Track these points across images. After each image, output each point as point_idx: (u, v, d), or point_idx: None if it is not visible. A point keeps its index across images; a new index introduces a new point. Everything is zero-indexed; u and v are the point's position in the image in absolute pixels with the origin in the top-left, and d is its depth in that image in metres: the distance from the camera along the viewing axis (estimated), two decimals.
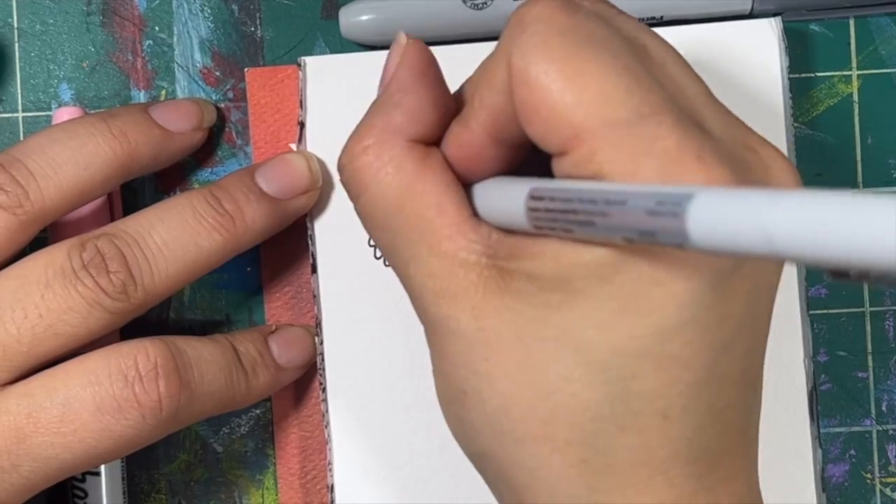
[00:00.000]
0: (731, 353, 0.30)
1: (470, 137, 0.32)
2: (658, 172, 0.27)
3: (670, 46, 0.32)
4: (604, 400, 0.29)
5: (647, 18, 0.43)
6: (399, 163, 0.32)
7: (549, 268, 0.29)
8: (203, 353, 0.39)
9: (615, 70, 0.29)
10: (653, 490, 0.30)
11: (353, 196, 0.34)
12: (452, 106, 0.33)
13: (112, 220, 0.42)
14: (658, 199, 0.24)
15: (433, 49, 0.42)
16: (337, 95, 0.42)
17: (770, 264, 0.31)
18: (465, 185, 0.33)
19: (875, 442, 0.45)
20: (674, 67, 0.31)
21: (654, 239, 0.25)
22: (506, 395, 0.30)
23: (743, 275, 0.29)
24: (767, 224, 0.21)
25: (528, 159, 0.33)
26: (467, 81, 0.34)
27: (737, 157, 0.29)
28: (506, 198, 0.31)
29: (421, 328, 0.33)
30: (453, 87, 0.42)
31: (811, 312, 0.43)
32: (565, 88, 0.29)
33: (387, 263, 0.42)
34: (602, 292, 0.29)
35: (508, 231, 0.31)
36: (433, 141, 0.33)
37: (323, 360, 0.42)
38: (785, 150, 0.42)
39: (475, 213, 0.32)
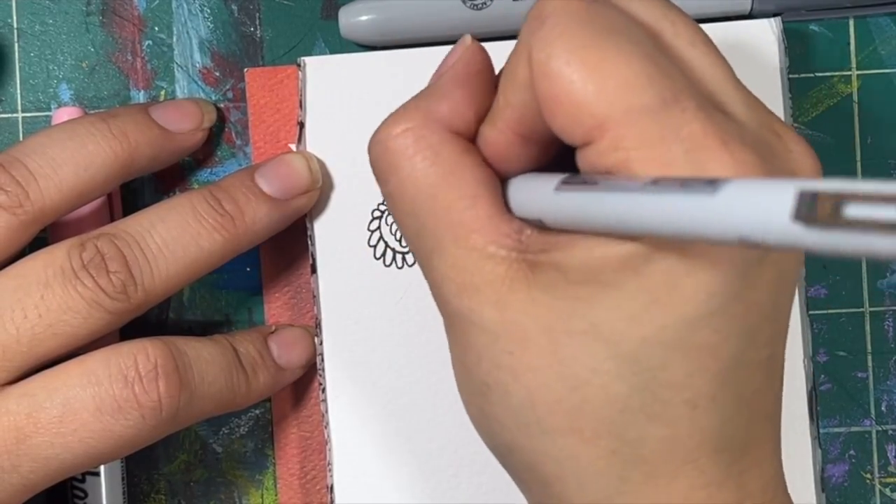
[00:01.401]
0: (757, 341, 0.30)
1: (497, 136, 0.32)
2: (685, 158, 0.27)
3: (696, 26, 0.31)
4: (633, 392, 0.29)
5: None
6: (437, 150, 0.32)
7: (578, 260, 0.29)
8: (203, 354, 0.39)
9: (636, 58, 0.28)
10: (682, 479, 0.30)
11: (382, 177, 0.33)
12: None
13: (112, 220, 0.42)
14: (687, 187, 0.24)
15: (433, 49, 0.43)
16: (337, 96, 0.42)
17: (794, 253, 0.31)
18: (501, 180, 0.33)
19: (875, 442, 0.45)
20: (699, 49, 0.31)
21: (685, 233, 0.25)
22: (531, 388, 0.30)
23: (769, 262, 0.29)
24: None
25: (558, 159, 0.32)
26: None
27: (761, 141, 0.29)
28: (537, 190, 0.31)
29: (420, 328, 0.33)
30: None
31: (811, 312, 0.43)
32: (587, 78, 0.28)
33: (387, 263, 0.42)
34: (632, 284, 0.29)
35: (541, 228, 0.31)
36: (472, 138, 0.33)
37: (323, 360, 0.42)
38: None
39: (509, 210, 0.32)
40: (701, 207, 0.24)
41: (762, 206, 0.23)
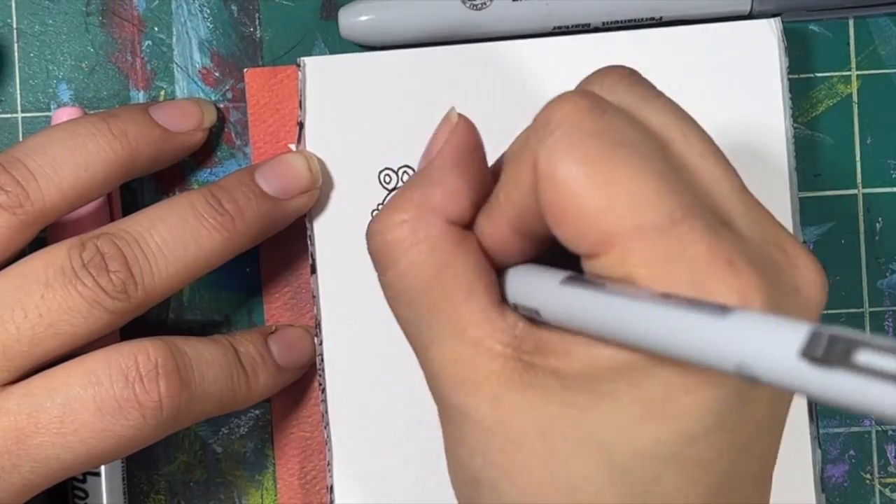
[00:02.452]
0: (751, 454, 0.30)
1: (495, 230, 0.32)
2: (690, 278, 0.27)
3: (707, 137, 0.31)
4: (624, 502, 0.29)
5: (647, 18, 0.43)
6: (435, 242, 0.32)
7: (576, 368, 0.29)
8: (204, 354, 0.39)
9: (645, 174, 0.28)
10: None
11: (381, 268, 0.33)
12: (492, 189, 0.33)
13: (111, 220, 0.42)
14: (693, 311, 0.25)
15: (433, 49, 0.43)
16: (336, 96, 0.42)
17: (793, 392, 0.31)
18: (497, 269, 0.33)
19: (874, 442, 0.45)
20: (708, 161, 0.30)
21: (683, 354, 0.25)
22: (523, 488, 0.30)
23: None
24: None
25: (554, 252, 0.32)
26: (500, 161, 0.33)
27: (766, 258, 0.29)
28: (541, 282, 0.31)
29: None
30: (450, 87, 0.42)
31: None
32: (595, 193, 0.28)
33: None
34: (629, 396, 0.28)
35: (536, 323, 0.31)
36: (468, 223, 0.33)
37: (323, 360, 0.42)
38: (785, 151, 0.42)
39: (504, 300, 0.32)
40: (708, 330, 0.24)
41: (771, 339, 0.23)
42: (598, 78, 0.32)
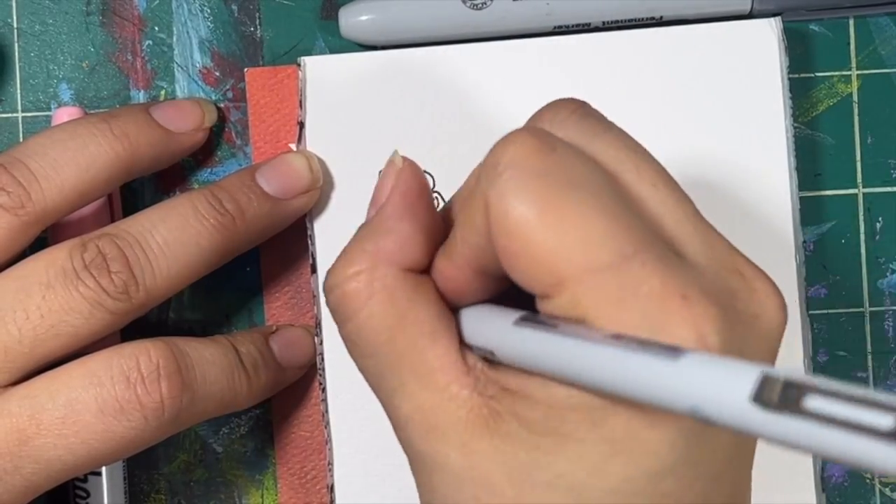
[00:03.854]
0: (721, 482, 0.30)
1: (453, 271, 0.32)
2: (644, 316, 0.27)
3: (658, 166, 0.31)
4: None
5: (647, 18, 0.43)
6: (391, 292, 0.31)
7: (537, 410, 0.29)
8: (205, 354, 0.39)
9: (595, 212, 0.28)
10: None
11: (340, 321, 0.33)
12: (443, 231, 0.33)
13: (112, 220, 0.42)
14: (645, 354, 0.25)
15: (433, 49, 0.43)
16: (336, 95, 0.42)
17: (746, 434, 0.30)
18: (453, 309, 0.33)
19: None
20: (660, 190, 0.30)
21: (638, 397, 0.25)
22: None
23: None
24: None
25: (515, 288, 0.31)
26: (451, 202, 0.34)
27: (722, 287, 0.29)
28: (494, 323, 0.30)
29: None
30: (450, 87, 0.42)
31: (811, 312, 0.43)
32: (545, 235, 0.28)
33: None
34: (594, 435, 0.28)
35: (495, 364, 0.31)
36: (424, 267, 0.33)
37: (323, 360, 0.42)
38: (785, 151, 0.42)
39: (463, 342, 0.32)
40: (660, 373, 0.24)
41: (722, 384, 0.23)
42: (548, 113, 0.32)
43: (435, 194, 0.43)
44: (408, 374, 0.31)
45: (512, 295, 0.31)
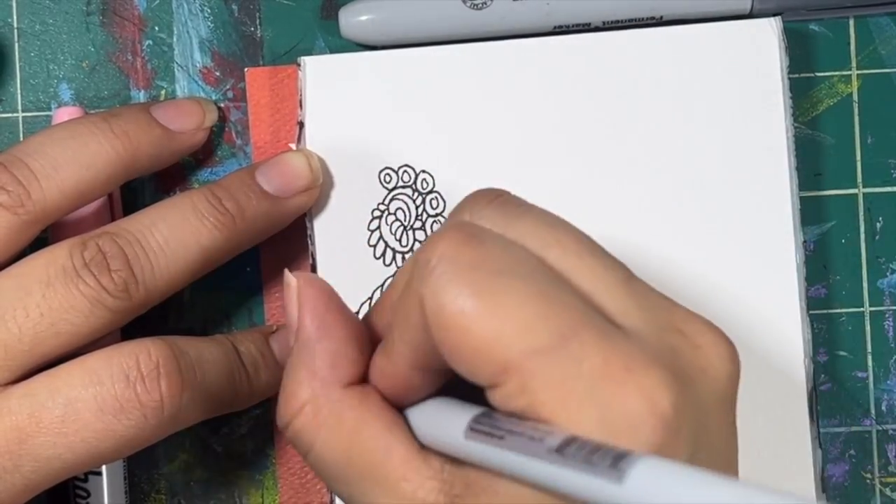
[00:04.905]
0: None
1: (395, 370, 0.32)
2: (591, 395, 0.27)
3: (581, 237, 0.31)
4: None
5: (647, 18, 0.43)
6: (338, 414, 0.32)
7: None
8: (205, 354, 0.39)
9: (529, 296, 0.28)
10: None
11: (301, 453, 0.33)
12: (368, 335, 0.33)
13: (112, 219, 0.42)
14: (589, 473, 0.25)
15: (433, 49, 0.43)
16: (336, 95, 0.42)
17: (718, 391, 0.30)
18: (401, 409, 0.33)
19: (875, 442, 0.45)
20: (586, 260, 0.30)
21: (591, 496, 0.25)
22: None
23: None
24: None
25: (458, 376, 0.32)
26: (375, 308, 0.34)
27: (664, 349, 0.29)
28: (446, 432, 0.30)
29: None
30: (450, 87, 0.42)
31: (811, 312, 0.43)
32: (483, 324, 0.28)
33: (387, 263, 0.43)
34: None
35: (455, 461, 0.31)
36: (362, 376, 0.33)
37: None
38: (785, 150, 0.42)
39: (420, 444, 0.32)
40: (605, 493, 0.25)
41: None
42: (468, 205, 0.32)
43: (435, 194, 0.43)
44: (374, 490, 0.31)
45: (456, 384, 0.31)
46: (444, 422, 0.31)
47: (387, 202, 0.43)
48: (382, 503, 0.31)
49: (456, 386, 0.31)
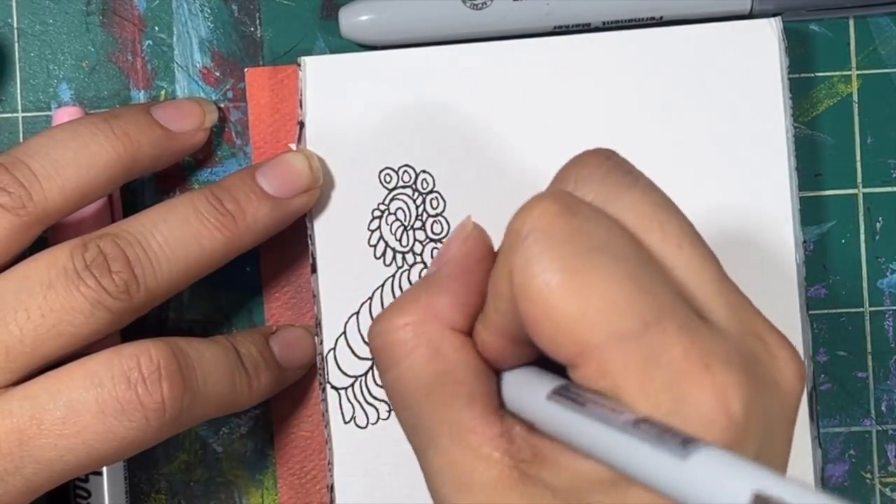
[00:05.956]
0: None
1: (488, 338, 0.32)
2: (668, 386, 0.27)
3: (686, 225, 0.31)
4: None
5: (647, 18, 0.43)
6: (437, 347, 0.32)
7: (565, 480, 0.29)
8: (205, 355, 0.39)
9: (618, 278, 0.28)
10: None
11: (382, 368, 0.33)
12: None
13: (112, 220, 0.42)
14: (659, 449, 0.25)
15: (433, 49, 0.43)
16: (336, 95, 0.43)
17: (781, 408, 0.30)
18: (496, 371, 0.33)
19: (875, 442, 0.45)
20: (685, 251, 0.30)
21: (650, 485, 0.26)
22: None
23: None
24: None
25: None
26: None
27: (745, 352, 0.29)
28: (529, 394, 0.31)
29: None
30: (450, 87, 0.42)
31: (811, 312, 0.43)
32: (568, 303, 0.28)
33: (387, 263, 0.42)
34: None
35: (530, 428, 0.31)
36: (470, 330, 0.33)
37: (323, 360, 0.42)
38: (785, 151, 0.42)
39: (503, 405, 0.32)
40: (669, 469, 0.25)
41: (723, 491, 0.24)
42: (574, 168, 0.32)
43: (435, 194, 0.43)
44: (441, 430, 0.31)
45: (550, 360, 0.31)
46: (530, 385, 0.31)
47: (387, 202, 0.43)
48: (445, 445, 0.31)
49: (549, 362, 0.31)
